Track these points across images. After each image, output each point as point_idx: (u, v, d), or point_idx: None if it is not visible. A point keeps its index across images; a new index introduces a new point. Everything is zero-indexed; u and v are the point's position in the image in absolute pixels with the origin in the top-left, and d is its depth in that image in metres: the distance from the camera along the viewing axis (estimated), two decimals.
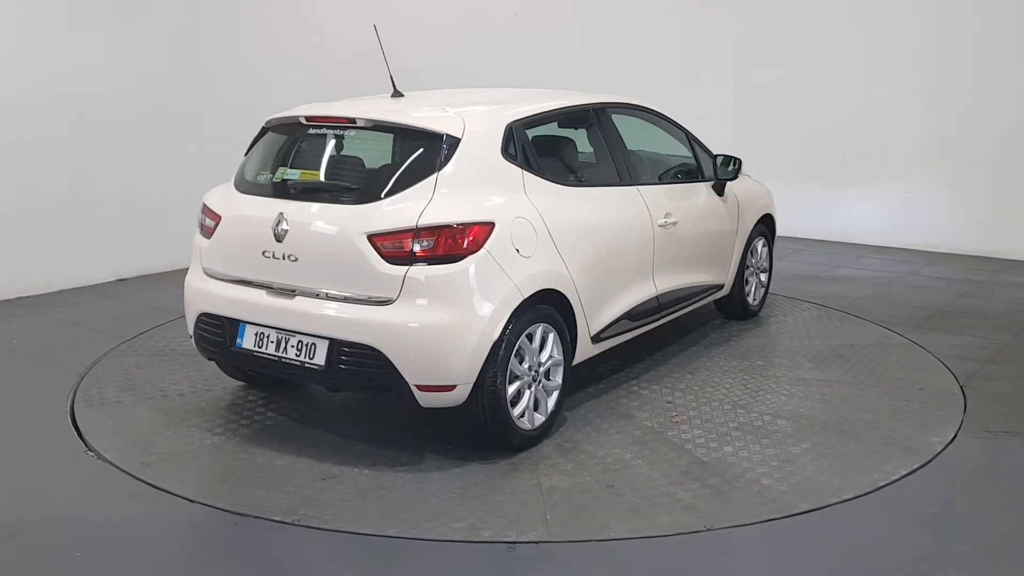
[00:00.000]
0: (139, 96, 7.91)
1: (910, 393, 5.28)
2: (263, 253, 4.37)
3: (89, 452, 4.51)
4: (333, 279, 4.21)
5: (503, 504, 3.93)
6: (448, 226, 4.09)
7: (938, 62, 9.17)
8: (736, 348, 6.13)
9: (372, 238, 4.11)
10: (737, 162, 5.98)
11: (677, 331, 6.32)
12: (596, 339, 4.93)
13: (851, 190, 9.84)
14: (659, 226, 5.36)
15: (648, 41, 10.77)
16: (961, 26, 9.03)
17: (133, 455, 4.42)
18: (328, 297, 4.23)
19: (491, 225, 4.18)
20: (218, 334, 4.59)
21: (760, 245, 6.79)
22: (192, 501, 3.98)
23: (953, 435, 4.64)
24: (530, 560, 3.54)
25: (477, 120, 4.48)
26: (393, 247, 4.08)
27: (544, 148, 4.88)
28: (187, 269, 4.96)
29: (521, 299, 4.27)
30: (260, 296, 4.42)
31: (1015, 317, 6.91)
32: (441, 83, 6.11)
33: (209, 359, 4.99)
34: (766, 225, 6.86)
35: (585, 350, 4.87)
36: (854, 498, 4.00)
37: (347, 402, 5.20)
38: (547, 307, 4.47)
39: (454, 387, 4.11)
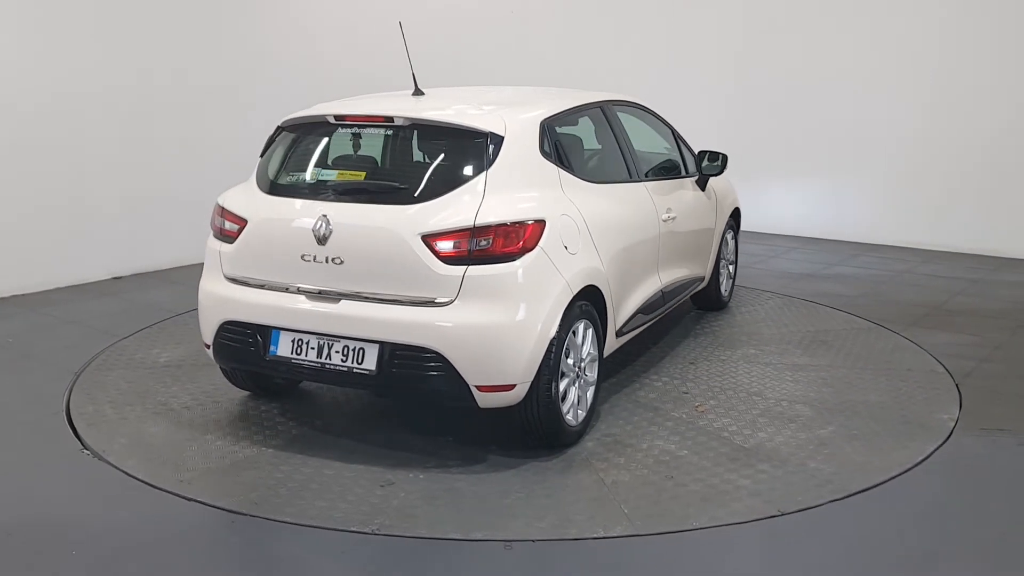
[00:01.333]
0: (135, 95, 7.93)
1: (902, 374, 5.57)
2: (302, 257, 4.23)
3: (85, 451, 4.45)
4: (384, 281, 4.12)
5: (576, 501, 3.94)
6: (506, 224, 4.07)
7: (935, 61, 9.15)
8: (723, 338, 6.31)
9: (427, 238, 4.04)
10: (723, 158, 6.15)
11: (662, 323, 6.45)
12: (619, 333, 4.99)
13: (846, 188, 9.83)
14: (663, 221, 5.47)
15: (643, 39, 10.82)
16: (959, 25, 9.02)
17: (166, 472, 4.20)
18: (379, 300, 4.13)
19: (543, 223, 4.19)
20: (248, 343, 4.41)
21: (729, 238, 7.01)
22: (252, 516, 3.83)
23: (949, 433, 4.66)
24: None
25: (516, 118, 4.46)
26: (450, 247, 4.03)
27: (567, 145, 4.91)
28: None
29: (571, 296, 4.29)
30: (299, 301, 4.27)
31: (1011, 315, 6.89)
32: (438, 81, 6.03)
33: (231, 370, 4.80)
34: (734, 219, 7.08)
35: (611, 344, 4.92)
36: (901, 473, 4.20)
37: (361, 408, 5.09)
38: (586, 303, 4.50)
39: (514, 387, 4.10)
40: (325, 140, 4.62)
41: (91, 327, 6.47)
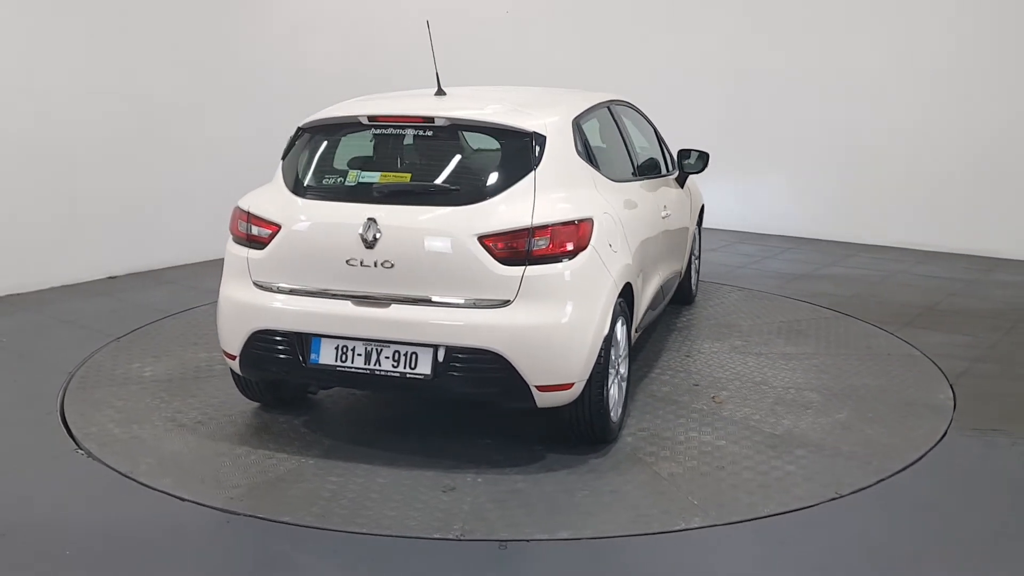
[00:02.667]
0: (130, 95, 7.92)
1: (883, 358, 5.86)
2: (347, 262, 4.11)
3: (79, 450, 4.41)
4: (439, 284, 4.06)
5: (643, 495, 3.98)
6: (562, 224, 4.07)
7: (932, 63, 9.17)
8: (705, 331, 6.48)
9: (483, 239, 4.00)
10: (705, 157, 6.31)
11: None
12: (636, 329, 5.07)
13: (841, 189, 9.84)
14: (662, 218, 5.59)
15: (640, 38, 10.83)
16: (955, 27, 9.02)
17: (209, 490, 4.02)
18: (432, 303, 4.07)
19: (591, 221, 4.21)
20: (285, 352, 4.26)
21: (696, 234, 7.20)
22: (321, 529, 3.71)
23: (943, 433, 4.66)
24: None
25: (552, 117, 4.47)
26: (507, 248, 4.01)
27: (592, 145, 4.94)
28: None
29: (617, 293, 4.34)
30: (344, 307, 4.15)
31: (1005, 316, 6.90)
32: (434, 81, 5.96)
33: (258, 380, 4.62)
34: (700, 215, 7.28)
35: (631, 340, 5.00)
36: (930, 450, 4.43)
37: (383, 417, 5.00)
38: (622, 300, 4.55)
39: (572, 385, 4.11)
40: (358, 141, 4.50)
41: (86, 327, 6.44)
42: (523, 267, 4.00)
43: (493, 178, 4.20)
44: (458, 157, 4.48)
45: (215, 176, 8.59)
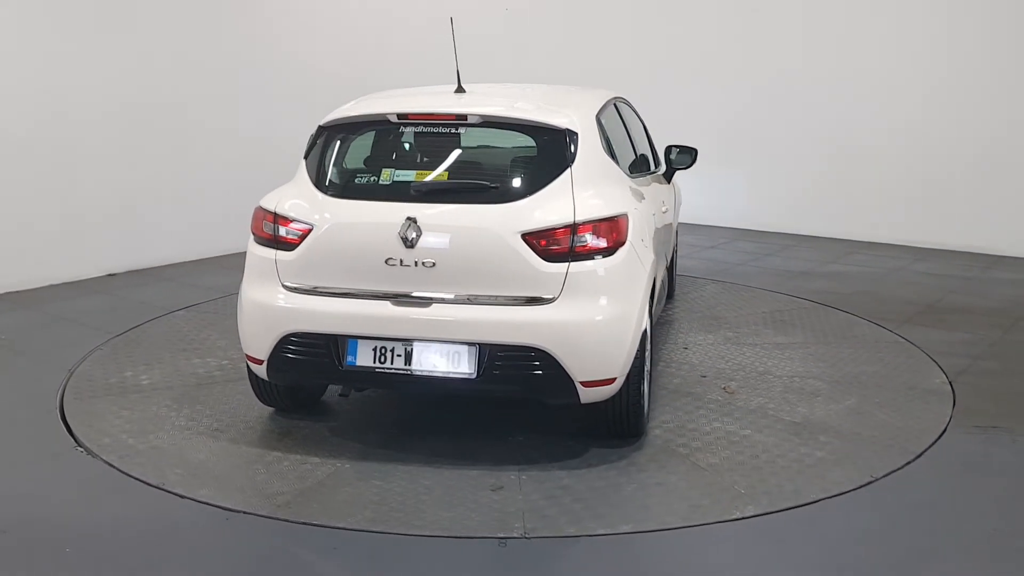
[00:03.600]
0: (128, 92, 7.92)
1: (871, 344, 6.07)
2: (386, 261, 4.06)
3: (78, 448, 4.42)
4: (482, 282, 4.04)
5: (691, 487, 4.04)
6: (602, 220, 4.10)
7: (931, 61, 9.20)
8: (693, 324, 6.59)
9: (526, 236, 4.00)
10: (694, 153, 6.41)
11: None
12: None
13: (840, 186, 9.83)
14: (662, 213, 5.67)
15: (636, 35, 10.85)
16: (954, 25, 9.07)
17: (253, 499, 3.93)
18: (474, 302, 4.05)
19: (627, 216, 4.25)
20: (319, 355, 4.17)
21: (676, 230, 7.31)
22: (382, 533, 3.66)
23: (942, 431, 4.67)
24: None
25: (579, 113, 4.49)
26: (550, 244, 4.01)
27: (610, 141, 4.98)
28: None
29: (651, 287, 4.39)
30: (382, 307, 4.10)
31: (1005, 313, 6.89)
32: (431, 80, 5.91)
33: (289, 384, 4.53)
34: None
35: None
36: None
37: (405, 418, 4.96)
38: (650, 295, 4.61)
39: (614, 380, 4.14)
40: (387, 139, 4.45)
41: (84, 324, 6.45)
42: (567, 264, 4.01)
43: (531, 175, 4.21)
44: (492, 155, 4.46)
45: (213, 173, 8.68)
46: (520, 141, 4.42)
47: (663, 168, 6.42)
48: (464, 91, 4.77)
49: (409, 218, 4.03)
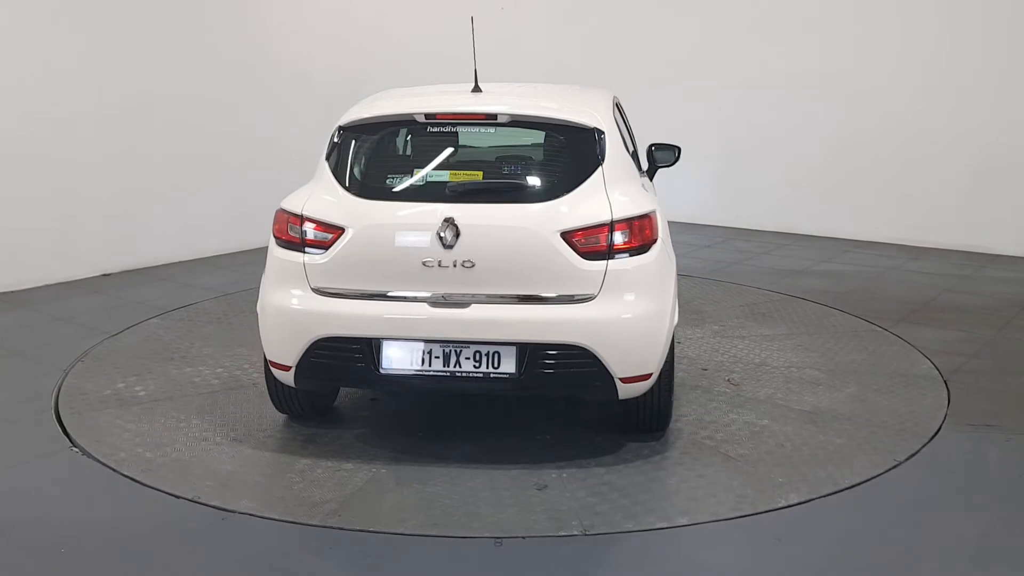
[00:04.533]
0: (124, 92, 7.92)
1: (852, 333, 6.28)
2: (424, 263, 4.02)
3: (74, 448, 4.41)
4: (521, 282, 4.03)
5: (730, 478, 4.12)
6: (637, 217, 4.14)
7: (925, 59, 9.21)
8: (680, 317, 6.69)
9: (566, 235, 4.02)
10: (677, 150, 6.49)
11: None
12: None
13: (835, 185, 9.89)
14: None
15: (632, 34, 10.78)
16: (947, 24, 9.09)
17: (297, 508, 3.85)
18: (513, 301, 4.04)
19: (655, 213, 4.31)
20: (353, 359, 4.10)
21: None
22: (441, 537, 3.63)
23: (936, 429, 4.69)
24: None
25: (602, 113, 4.52)
26: (589, 242, 4.04)
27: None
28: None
29: (676, 282, 4.46)
30: (419, 309, 4.05)
31: (999, 311, 6.90)
32: (427, 78, 5.86)
33: (318, 390, 4.44)
34: None
35: None
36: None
37: (425, 422, 4.91)
38: None
39: (651, 375, 4.18)
40: (413, 139, 4.40)
41: (80, 324, 6.45)
42: (605, 261, 4.04)
43: (564, 174, 4.22)
44: (520, 154, 4.45)
45: (209, 173, 8.63)
46: (542, 140, 4.42)
47: (645, 166, 6.50)
48: (480, 90, 4.75)
49: (447, 219, 4.00)
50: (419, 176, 4.27)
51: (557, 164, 4.34)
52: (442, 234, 3.99)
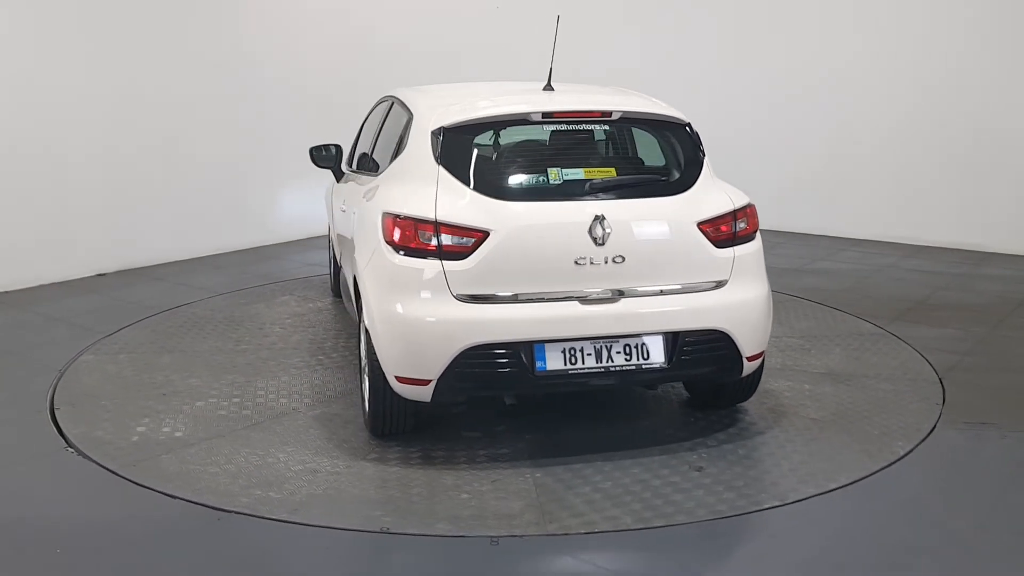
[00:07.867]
0: (119, 91, 7.95)
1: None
2: (576, 261, 4.07)
3: (68, 448, 4.47)
4: (667, 273, 4.25)
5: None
6: (748, 205, 4.56)
7: (920, 58, 9.25)
8: None
9: (702, 225, 4.28)
10: None
11: None
12: None
13: (831, 184, 9.91)
14: None
15: (628, 33, 10.76)
16: (943, 23, 9.15)
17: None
18: (660, 292, 4.19)
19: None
20: (508, 365, 4.07)
21: None
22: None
23: (932, 427, 4.74)
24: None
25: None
26: (718, 231, 4.35)
27: None
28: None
29: None
30: (571, 308, 4.13)
31: (994, 309, 6.89)
32: (425, 77, 5.71)
33: (456, 402, 4.57)
34: None
35: None
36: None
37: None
38: None
39: (764, 351, 4.55)
40: (526, 139, 4.54)
41: (75, 324, 6.48)
42: (732, 248, 4.36)
43: (684, 167, 4.52)
44: (635, 149, 4.76)
45: (204, 172, 8.55)
46: (665, 135, 4.63)
47: None
48: (552, 88, 4.80)
49: (597, 216, 4.03)
50: (555, 175, 4.28)
51: (675, 157, 4.59)
52: (594, 231, 4.01)
